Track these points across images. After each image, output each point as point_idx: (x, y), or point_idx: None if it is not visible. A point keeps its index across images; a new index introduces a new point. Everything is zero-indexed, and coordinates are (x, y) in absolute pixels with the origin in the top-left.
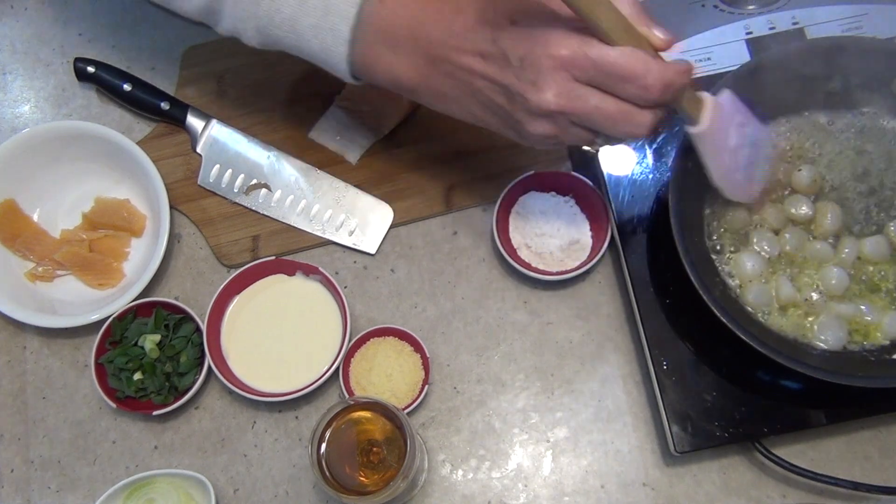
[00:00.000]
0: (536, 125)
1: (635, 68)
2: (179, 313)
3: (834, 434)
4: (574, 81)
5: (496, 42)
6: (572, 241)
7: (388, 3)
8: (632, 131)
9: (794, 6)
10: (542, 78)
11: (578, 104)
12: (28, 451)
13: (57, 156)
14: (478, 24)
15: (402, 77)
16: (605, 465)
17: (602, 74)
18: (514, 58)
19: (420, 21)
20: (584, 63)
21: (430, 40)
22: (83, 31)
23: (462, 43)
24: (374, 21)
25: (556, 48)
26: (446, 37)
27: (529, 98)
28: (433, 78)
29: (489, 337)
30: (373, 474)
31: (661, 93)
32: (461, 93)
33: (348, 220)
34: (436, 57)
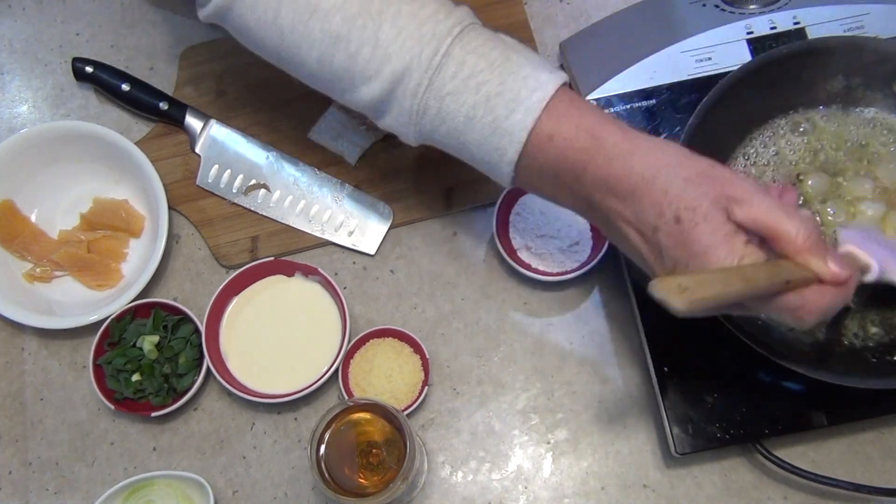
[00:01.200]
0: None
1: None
2: (178, 314)
3: (835, 435)
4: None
5: (656, 232)
6: (573, 242)
7: (557, 142)
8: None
9: (796, 6)
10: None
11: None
12: (26, 452)
13: (55, 156)
14: (642, 201)
15: (565, 204)
16: (606, 466)
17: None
18: (668, 258)
19: (586, 170)
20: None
21: (591, 191)
22: (81, 30)
23: (623, 209)
24: (540, 156)
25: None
26: (608, 196)
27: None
28: (595, 214)
29: (489, 338)
30: (372, 476)
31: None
32: (617, 237)
33: (348, 220)
34: (594, 205)
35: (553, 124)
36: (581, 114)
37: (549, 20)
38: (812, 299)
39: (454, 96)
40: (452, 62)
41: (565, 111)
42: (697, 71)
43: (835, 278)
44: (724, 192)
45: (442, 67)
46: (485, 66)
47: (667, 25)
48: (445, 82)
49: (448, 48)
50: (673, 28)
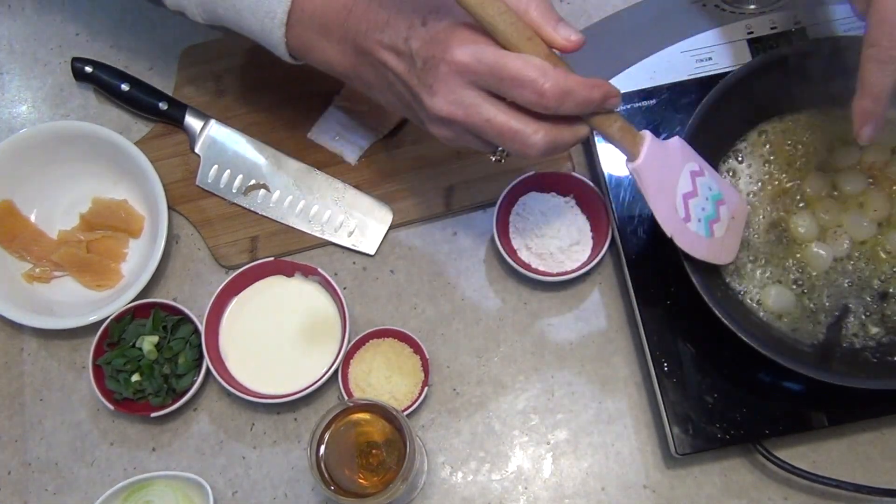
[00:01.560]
0: (434, 128)
1: (531, 74)
2: (177, 314)
3: (835, 436)
4: (468, 88)
5: (408, 41)
6: (573, 242)
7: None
8: (520, 150)
9: (796, 6)
10: (437, 83)
11: (470, 112)
12: (25, 453)
13: (54, 156)
14: (397, 20)
15: (335, 64)
16: (606, 467)
17: (497, 80)
18: (419, 59)
19: (350, 11)
20: (479, 68)
21: (357, 31)
22: (81, 30)
23: (381, 37)
24: (308, 6)
25: (453, 53)
26: (370, 29)
27: (424, 102)
28: (360, 67)
29: (489, 338)
30: (372, 476)
31: (558, 100)
32: (380, 84)
33: (347, 220)
34: (361, 47)
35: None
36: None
37: None
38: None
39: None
40: None
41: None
42: (698, 71)
43: (560, 43)
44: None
45: None
46: None
47: (667, 25)
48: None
49: None
50: (673, 28)
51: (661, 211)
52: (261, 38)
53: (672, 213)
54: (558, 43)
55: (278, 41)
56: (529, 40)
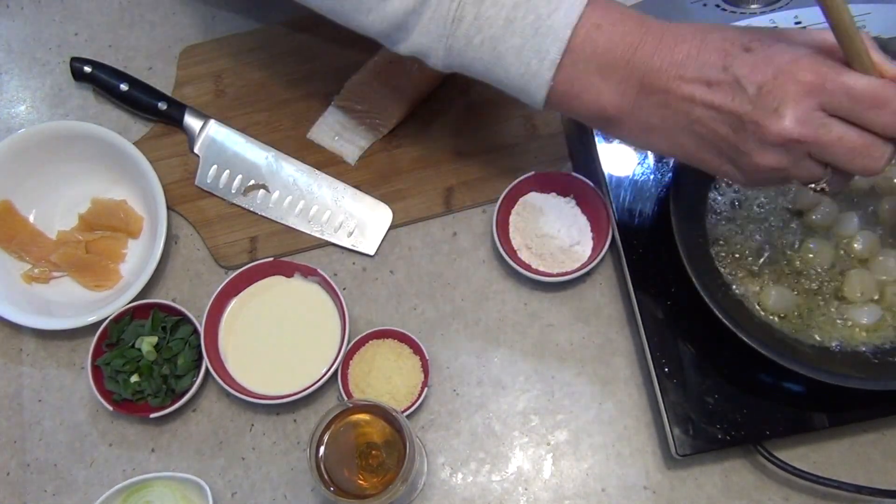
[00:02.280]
0: (767, 156)
1: (888, 95)
2: (177, 315)
3: (836, 437)
4: (818, 110)
5: (727, 69)
6: (573, 243)
7: (606, 29)
8: (870, 165)
9: (797, 5)
10: (784, 105)
11: (821, 132)
12: (24, 454)
13: (53, 156)
14: (704, 52)
15: (609, 106)
16: (606, 467)
17: (851, 101)
18: (751, 85)
19: (637, 49)
20: (833, 88)
21: (647, 68)
22: (80, 30)
23: (684, 72)
24: (589, 46)
25: (802, 73)
26: (666, 65)
27: (767, 126)
28: (643, 108)
29: (489, 339)
30: (372, 477)
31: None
32: (673, 124)
33: (347, 221)
34: (651, 86)
35: (600, 14)
36: (623, 7)
37: None
38: (892, 93)
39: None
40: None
41: (608, 4)
42: None
43: (891, 74)
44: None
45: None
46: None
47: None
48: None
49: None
50: None
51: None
52: (517, 82)
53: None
54: (891, 72)
55: (542, 85)
56: (874, 67)
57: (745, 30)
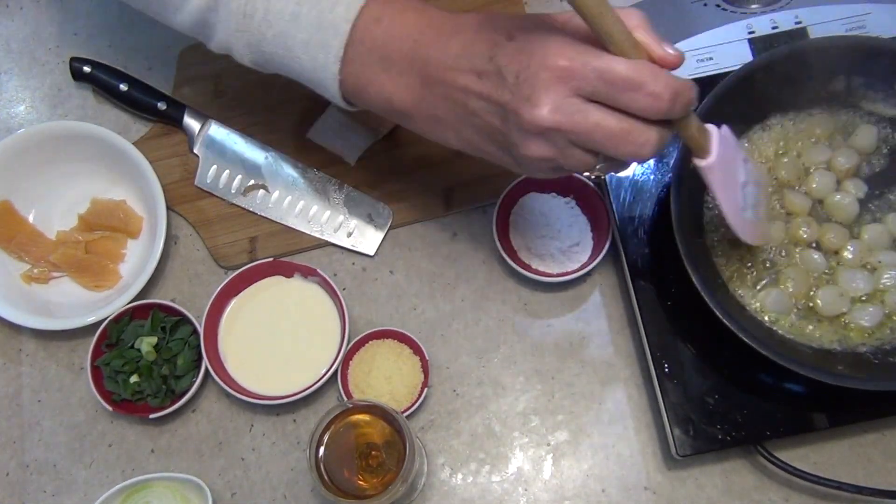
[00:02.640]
0: (532, 146)
1: (644, 77)
2: (176, 315)
3: (837, 437)
4: (574, 96)
5: (493, 59)
6: (573, 243)
7: (384, 23)
8: (636, 151)
9: (797, 5)
10: (537, 92)
11: (577, 119)
12: (23, 454)
13: (53, 156)
14: (475, 43)
15: (395, 99)
16: (607, 468)
17: (606, 85)
18: (510, 74)
19: (416, 41)
20: (585, 73)
21: (426, 60)
22: (79, 30)
23: (459, 62)
24: (368, 39)
25: (553, 59)
26: (443, 57)
27: (523, 114)
28: (428, 100)
29: (489, 339)
30: (371, 478)
31: (671, 102)
32: (456, 116)
33: (347, 221)
34: (432, 78)
35: (379, 8)
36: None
37: None
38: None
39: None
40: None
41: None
42: (699, 71)
43: (666, 58)
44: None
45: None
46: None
47: (668, 25)
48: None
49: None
50: (674, 28)
51: (728, 205)
52: (312, 77)
53: (736, 207)
54: (665, 56)
55: (332, 78)
56: (635, 49)
57: (514, 17)
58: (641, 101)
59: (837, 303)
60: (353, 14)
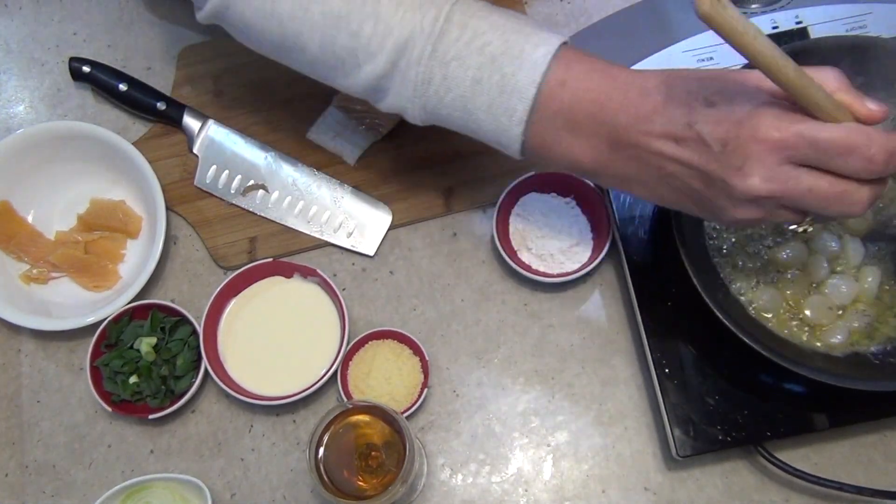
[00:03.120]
0: (741, 211)
1: (857, 140)
2: (176, 316)
3: (837, 438)
4: (785, 164)
5: (692, 126)
6: (573, 243)
7: (570, 86)
8: (847, 210)
9: (798, 5)
10: (748, 163)
11: (790, 186)
12: (23, 455)
13: (52, 156)
14: (669, 107)
15: (582, 161)
16: (607, 469)
17: (819, 152)
18: (715, 142)
19: (603, 105)
20: (798, 143)
21: (614, 125)
22: (78, 30)
23: (651, 127)
24: (554, 103)
25: (766, 132)
26: (633, 121)
27: (734, 185)
28: (617, 162)
29: (489, 340)
30: (371, 479)
31: (886, 162)
32: (649, 177)
33: (347, 221)
34: (621, 141)
35: (563, 71)
36: (590, 59)
37: (550, 20)
38: (859, 138)
39: (459, 60)
40: (454, 27)
41: (574, 59)
42: None
43: (872, 115)
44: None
45: (444, 33)
46: (487, 27)
47: (668, 25)
48: (449, 47)
49: (448, 13)
50: (674, 27)
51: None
52: (493, 138)
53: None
54: (869, 114)
55: (515, 140)
56: (839, 110)
57: (708, 79)
58: (855, 165)
59: (825, 314)
60: (538, 78)
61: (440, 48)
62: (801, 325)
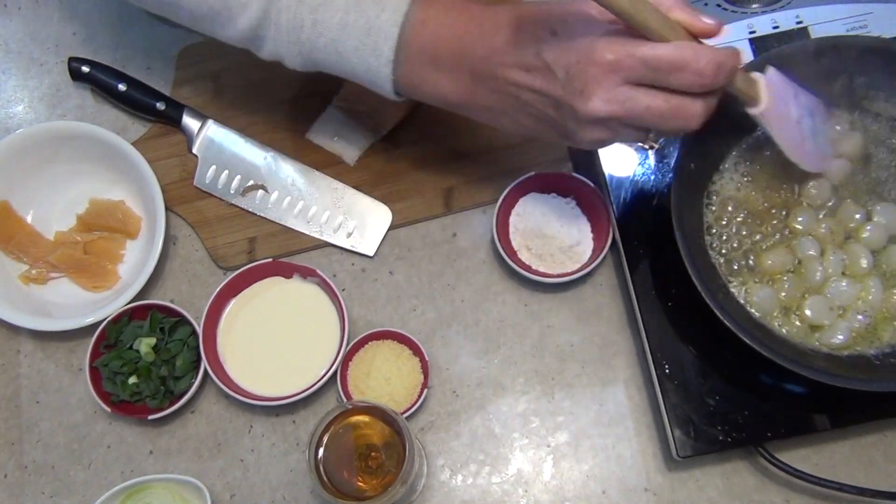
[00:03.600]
0: (589, 132)
1: (686, 56)
2: (175, 316)
3: (838, 439)
4: (622, 85)
5: (539, 55)
6: (573, 243)
7: (430, 24)
8: (685, 124)
9: (798, 5)
10: (589, 87)
11: (629, 105)
12: (22, 455)
13: (51, 157)
14: (519, 38)
15: (449, 95)
16: (607, 469)
17: (652, 71)
18: (559, 69)
19: (462, 39)
20: (632, 64)
21: (473, 57)
22: (78, 30)
23: (505, 58)
24: (417, 41)
25: (600, 54)
26: (489, 53)
27: (578, 108)
28: (480, 94)
29: (489, 340)
30: (371, 479)
31: (715, 75)
32: (509, 106)
33: (346, 221)
34: (480, 73)
35: (423, 10)
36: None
37: None
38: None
39: (326, 4)
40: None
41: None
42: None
43: (707, 28)
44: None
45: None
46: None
47: None
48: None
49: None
50: None
51: (788, 145)
52: (365, 79)
53: (796, 144)
54: (704, 28)
55: (385, 79)
56: (673, 30)
57: (554, 10)
58: (687, 79)
59: (825, 314)
60: (400, 18)
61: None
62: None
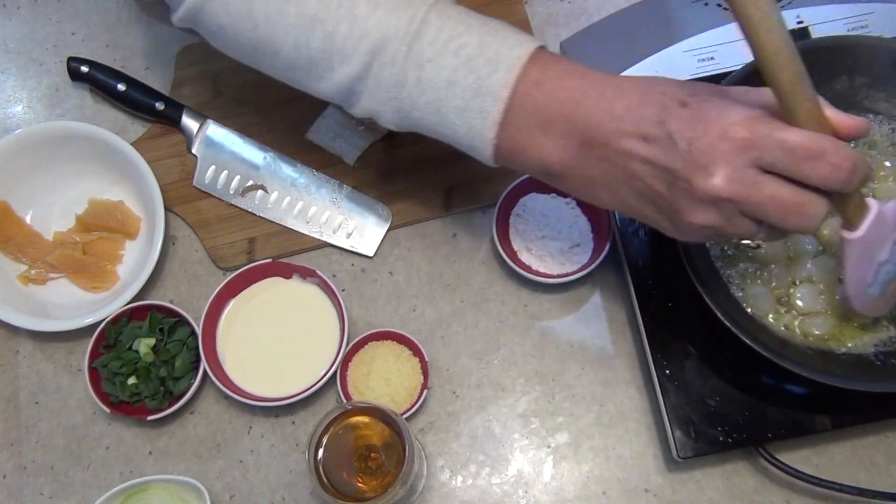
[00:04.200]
0: (698, 214)
1: (825, 146)
2: (174, 317)
3: (839, 439)
4: (751, 167)
5: (663, 124)
6: (573, 244)
7: (546, 86)
8: (802, 224)
9: (799, 5)
10: (714, 162)
11: (752, 191)
12: (21, 456)
13: (50, 157)
14: (642, 106)
15: (553, 162)
16: (607, 470)
17: (787, 154)
18: (682, 140)
19: (579, 104)
20: (766, 144)
21: (587, 123)
22: (77, 30)
23: (623, 125)
24: (528, 103)
25: (735, 130)
26: (606, 118)
27: (696, 184)
28: (586, 163)
29: (489, 340)
30: (371, 480)
31: (851, 173)
32: (614, 179)
33: (346, 222)
34: (592, 140)
35: (539, 72)
36: (567, 62)
37: (550, 19)
38: (827, 144)
39: (434, 62)
40: (430, 28)
41: (551, 61)
42: (700, 71)
43: (855, 126)
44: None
45: (420, 34)
46: (463, 29)
47: (669, 25)
48: (424, 48)
49: (425, 15)
50: (675, 27)
51: (853, 280)
52: (464, 141)
53: (863, 283)
54: (850, 125)
55: (487, 142)
56: (818, 122)
57: (687, 84)
58: (821, 170)
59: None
60: (513, 79)
61: (415, 49)
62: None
